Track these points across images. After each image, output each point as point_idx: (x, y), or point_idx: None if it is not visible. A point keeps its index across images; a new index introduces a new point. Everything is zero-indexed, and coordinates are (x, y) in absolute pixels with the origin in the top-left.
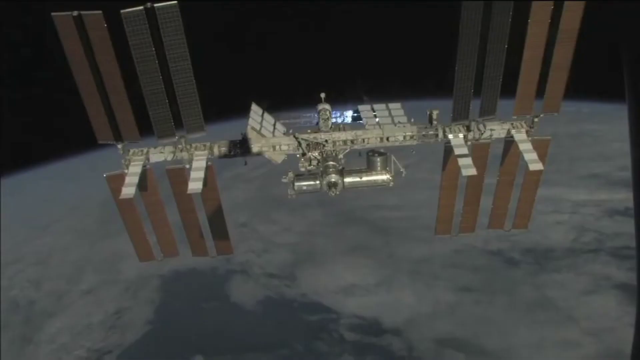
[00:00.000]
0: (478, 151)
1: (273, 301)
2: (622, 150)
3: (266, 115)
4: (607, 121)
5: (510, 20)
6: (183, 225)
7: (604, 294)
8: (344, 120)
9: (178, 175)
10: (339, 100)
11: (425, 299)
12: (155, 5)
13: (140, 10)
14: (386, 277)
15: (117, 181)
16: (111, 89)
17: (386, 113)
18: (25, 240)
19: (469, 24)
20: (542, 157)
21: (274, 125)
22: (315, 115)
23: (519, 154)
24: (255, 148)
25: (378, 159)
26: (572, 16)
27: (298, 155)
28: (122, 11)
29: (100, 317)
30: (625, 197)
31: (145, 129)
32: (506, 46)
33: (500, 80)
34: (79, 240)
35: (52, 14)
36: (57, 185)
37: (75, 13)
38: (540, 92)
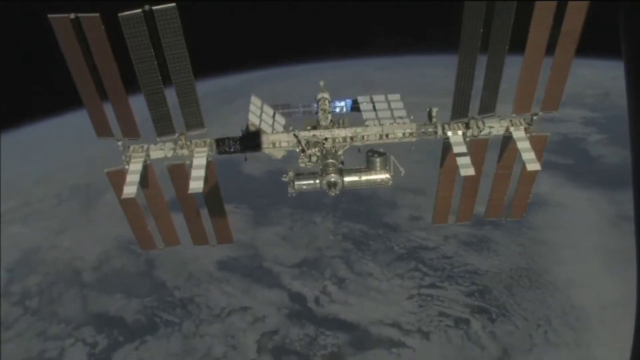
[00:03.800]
0: (476, 147)
1: (275, 174)
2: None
3: (265, 107)
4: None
5: (512, 21)
6: (184, 217)
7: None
8: (344, 108)
9: (178, 171)
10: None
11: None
12: (154, 7)
13: (138, 13)
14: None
15: (118, 177)
16: (110, 89)
17: (385, 105)
18: (67, 154)
19: (471, 24)
20: (539, 153)
21: (273, 117)
22: (315, 105)
23: (517, 150)
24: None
25: (377, 159)
26: (575, 17)
27: (298, 151)
28: (119, 14)
29: None
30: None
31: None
32: (507, 47)
33: (500, 80)
34: (117, 153)
35: (49, 15)
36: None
37: (72, 15)
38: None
